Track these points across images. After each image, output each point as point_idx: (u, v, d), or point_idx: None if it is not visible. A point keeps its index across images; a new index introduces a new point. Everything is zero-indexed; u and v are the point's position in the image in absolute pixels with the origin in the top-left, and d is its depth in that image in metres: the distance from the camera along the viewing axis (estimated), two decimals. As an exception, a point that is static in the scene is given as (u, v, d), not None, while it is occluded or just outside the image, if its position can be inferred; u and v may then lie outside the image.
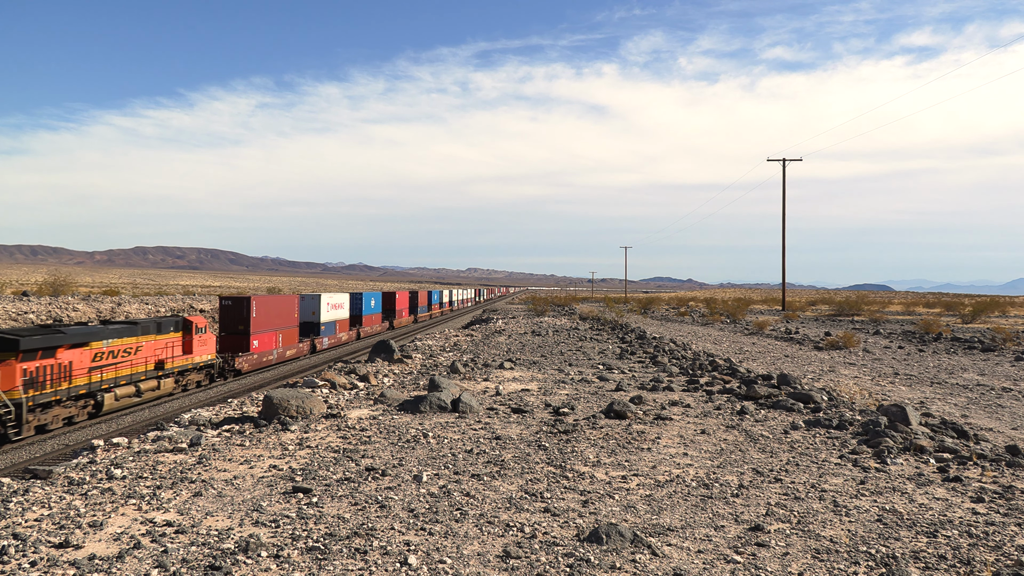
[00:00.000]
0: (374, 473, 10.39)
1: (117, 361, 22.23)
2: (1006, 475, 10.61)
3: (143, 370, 23.69)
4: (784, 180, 67.99)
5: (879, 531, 8.17)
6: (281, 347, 35.66)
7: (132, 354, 23.03)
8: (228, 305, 32.29)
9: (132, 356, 23.04)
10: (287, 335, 36.59)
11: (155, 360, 24.44)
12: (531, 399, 17.45)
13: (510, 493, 9.53)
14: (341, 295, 47.39)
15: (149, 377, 24.02)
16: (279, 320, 35.36)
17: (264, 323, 33.27)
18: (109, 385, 21.73)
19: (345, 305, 47.55)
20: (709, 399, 17.74)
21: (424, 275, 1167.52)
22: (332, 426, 14.09)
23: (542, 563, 7.16)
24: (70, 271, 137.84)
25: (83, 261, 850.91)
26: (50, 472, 10.78)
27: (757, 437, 13.21)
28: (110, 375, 21.80)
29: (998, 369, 25.80)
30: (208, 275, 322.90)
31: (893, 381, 22.28)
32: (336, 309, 45.30)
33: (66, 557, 7.21)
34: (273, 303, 34.77)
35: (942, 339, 39.46)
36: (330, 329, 44.05)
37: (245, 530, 8.04)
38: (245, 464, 11.07)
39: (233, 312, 32.09)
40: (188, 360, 26.55)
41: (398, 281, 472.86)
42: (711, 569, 7.08)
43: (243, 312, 31.81)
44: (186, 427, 15.79)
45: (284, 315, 36.08)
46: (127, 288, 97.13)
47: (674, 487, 9.93)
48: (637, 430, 13.68)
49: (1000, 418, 16.11)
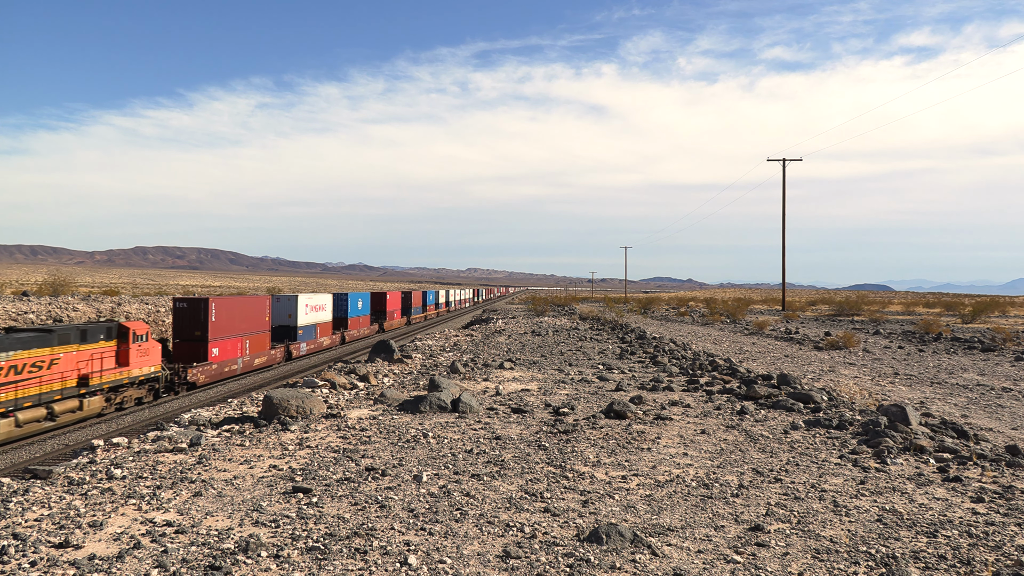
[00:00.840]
0: (374, 473, 10.39)
1: (21, 378, 18.27)
2: (1006, 475, 10.61)
3: (59, 388, 19.63)
4: (784, 180, 68.01)
5: (879, 531, 8.17)
6: (248, 355, 31.91)
7: (44, 369, 19.06)
8: (183, 308, 28.32)
9: (44, 371, 19.06)
10: (256, 341, 32.81)
11: (77, 375, 20.49)
12: (531, 399, 17.45)
13: (510, 493, 9.53)
14: (322, 296, 43.62)
15: (68, 396, 19.98)
16: (246, 324, 31.63)
17: (226, 328, 29.54)
18: (7, 408, 17.81)
19: (327, 307, 43.96)
20: (709, 399, 17.74)
21: (424, 275, 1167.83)
22: (332, 426, 14.09)
23: (542, 563, 7.16)
24: (70, 271, 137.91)
25: (83, 261, 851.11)
26: (50, 472, 10.79)
27: (757, 437, 13.22)
28: (8, 396, 17.86)
29: (998, 369, 25.80)
30: (208, 275, 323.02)
31: (893, 381, 22.28)
32: (316, 311, 41.70)
33: (66, 557, 7.21)
34: (238, 305, 31.30)
35: (942, 339, 39.46)
36: (309, 333, 40.51)
37: (245, 530, 8.04)
38: (245, 464, 11.07)
39: (188, 316, 28.20)
40: (123, 373, 22.62)
41: (398, 281, 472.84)
42: (711, 569, 7.08)
43: (200, 316, 28.03)
44: (186, 427, 15.79)
45: (252, 319, 32.35)
46: (127, 288, 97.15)
47: (674, 487, 9.93)
48: (637, 430, 13.68)
49: (1000, 418, 16.11)
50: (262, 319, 33.72)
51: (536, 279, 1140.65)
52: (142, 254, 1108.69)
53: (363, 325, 52.91)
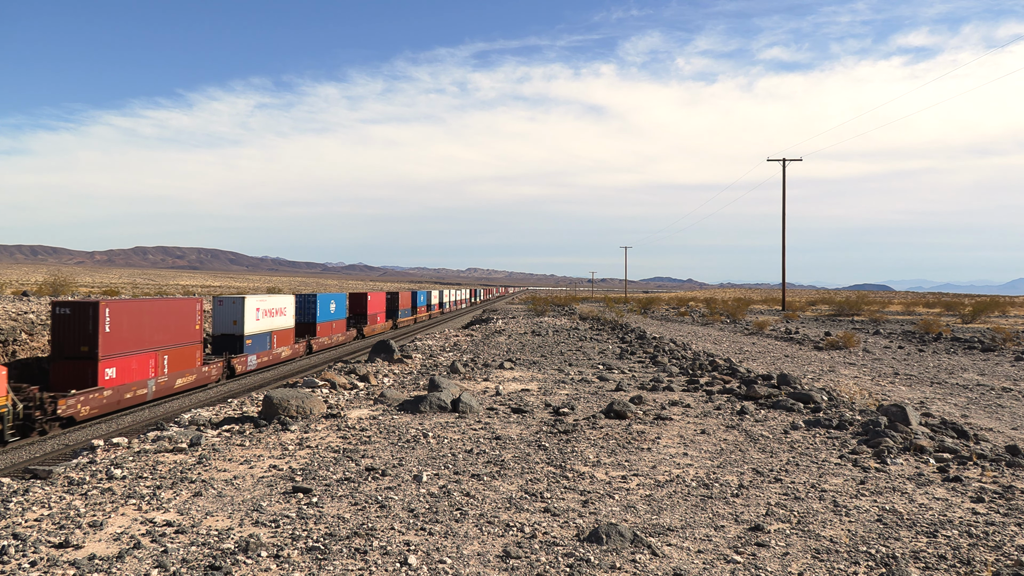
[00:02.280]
0: (374, 473, 10.40)
1: None
2: (1006, 475, 10.61)
3: None
4: (784, 180, 68.01)
5: (879, 531, 8.17)
6: (167, 374, 25.33)
7: None
8: (64, 316, 21.50)
9: None
10: (179, 356, 26.15)
11: None
12: (531, 399, 17.45)
13: (510, 493, 9.53)
14: (280, 298, 37.23)
15: None
16: (162, 335, 25.04)
17: (128, 341, 22.96)
18: None
19: (287, 310, 37.38)
20: (709, 399, 17.75)
21: (424, 275, 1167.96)
22: (332, 426, 14.09)
23: (542, 563, 7.16)
24: (70, 271, 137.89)
25: (83, 261, 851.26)
26: (50, 472, 10.78)
27: (757, 437, 13.22)
28: None
29: (998, 369, 25.80)
30: (208, 275, 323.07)
31: (893, 381, 22.28)
32: (272, 316, 35.26)
33: (66, 557, 7.21)
34: (148, 310, 24.50)
35: (942, 339, 39.45)
36: (260, 344, 33.81)
37: (245, 530, 8.04)
38: (245, 464, 11.07)
39: (72, 327, 21.45)
40: None
41: (398, 281, 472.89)
42: (711, 569, 7.08)
43: (87, 326, 21.32)
44: (186, 427, 15.79)
45: (172, 327, 25.77)
46: (127, 288, 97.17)
47: (674, 487, 9.93)
48: (637, 430, 13.69)
49: (1000, 418, 16.11)
50: (190, 327, 27.13)
51: (536, 279, 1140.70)
52: (142, 254, 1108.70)
53: (337, 331, 46.64)
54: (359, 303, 54.03)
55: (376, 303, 57.02)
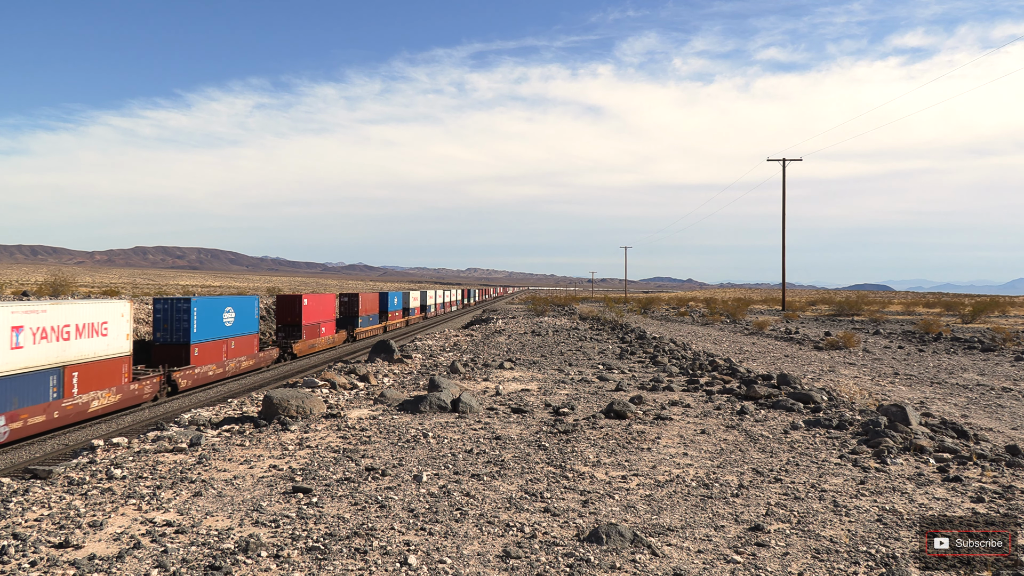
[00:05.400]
0: (374, 473, 10.39)
1: None
2: (1006, 475, 10.61)
3: None
4: (784, 180, 68.02)
5: (879, 531, 8.17)
6: None
7: None
8: None
9: None
10: None
11: None
12: (531, 399, 17.45)
13: (510, 493, 9.53)
14: (112, 304, 22.61)
15: None
16: None
17: None
18: None
19: (122, 321, 22.68)
20: (709, 399, 17.74)
21: (424, 275, 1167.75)
22: (332, 426, 14.09)
23: (542, 563, 7.16)
24: (70, 271, 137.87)
25: (83, 261, 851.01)
26: (50, 472, 10.79)
27: (757, 437, 13.21)
28: None
29: (998, 369, 25.80)
30: (208, 275, 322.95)
31: (893, 381, 22.28)
32: (87, 339, 20.89)
33: (66, 557, 7.21)
34: None
35: (942, 339, 39.45)
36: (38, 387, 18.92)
37: (245, 530, 8.04)
38: (245, 464, 11.07)
39: None
40: None
41: (398, 281, 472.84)
42: (711, 569, 7.08)
43: None
44: (186, 427, 15.79)
45: None
46: (127, 288, 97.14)
47: (674, 487, 9.93)
48: (637, 430, 13.68)
49: (1000, 418, 16.11)
50: None
51: (536, 279, 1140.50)
52: (142, 254, 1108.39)
53: (240, 353, 31.48)
54: (291, 308, 38.45)
55: (317, 309, 40.29)
